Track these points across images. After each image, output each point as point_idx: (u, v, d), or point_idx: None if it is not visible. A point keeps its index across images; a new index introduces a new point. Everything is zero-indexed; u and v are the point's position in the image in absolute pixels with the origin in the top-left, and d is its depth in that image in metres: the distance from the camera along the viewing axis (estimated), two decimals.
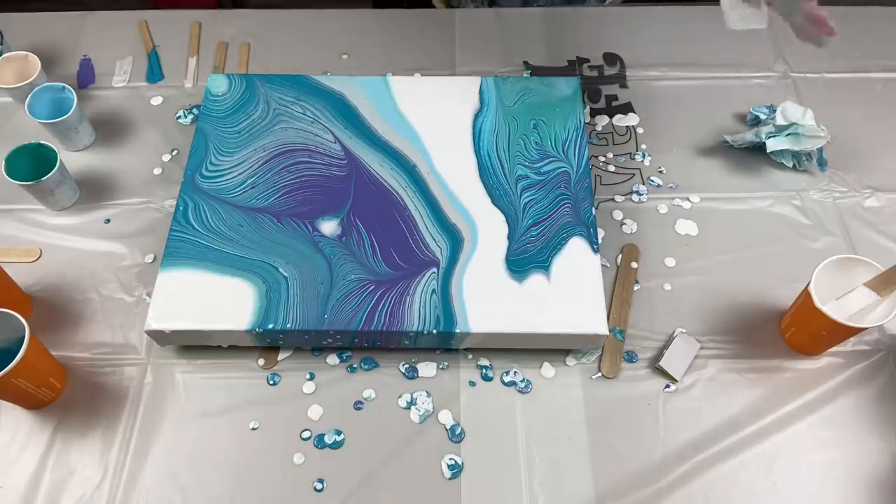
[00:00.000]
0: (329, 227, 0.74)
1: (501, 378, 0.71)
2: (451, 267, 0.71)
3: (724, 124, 0.89)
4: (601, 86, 0.93)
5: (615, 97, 0.92)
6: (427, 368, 0.72)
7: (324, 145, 0.80)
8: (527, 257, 0.71)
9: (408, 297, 0.69)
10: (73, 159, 0.85)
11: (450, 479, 0.66)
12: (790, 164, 0.84)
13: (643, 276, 0.77)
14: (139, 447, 0.67)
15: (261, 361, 0.72)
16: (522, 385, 0.70)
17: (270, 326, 0.67)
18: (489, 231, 0.73)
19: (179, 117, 0.90)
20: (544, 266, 0.71)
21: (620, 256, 0.78)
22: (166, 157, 0.86)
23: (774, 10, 0.68)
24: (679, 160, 0.86)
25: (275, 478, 0.66)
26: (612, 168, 0.86)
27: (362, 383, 0.71)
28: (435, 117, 0.82)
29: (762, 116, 0.86)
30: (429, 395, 0.70)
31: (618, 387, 0.71)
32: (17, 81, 0.86)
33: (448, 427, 0.68)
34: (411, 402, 0.70)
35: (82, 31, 0.98)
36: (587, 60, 0.96)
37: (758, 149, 0.84)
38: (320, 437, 0.68)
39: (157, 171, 0.85)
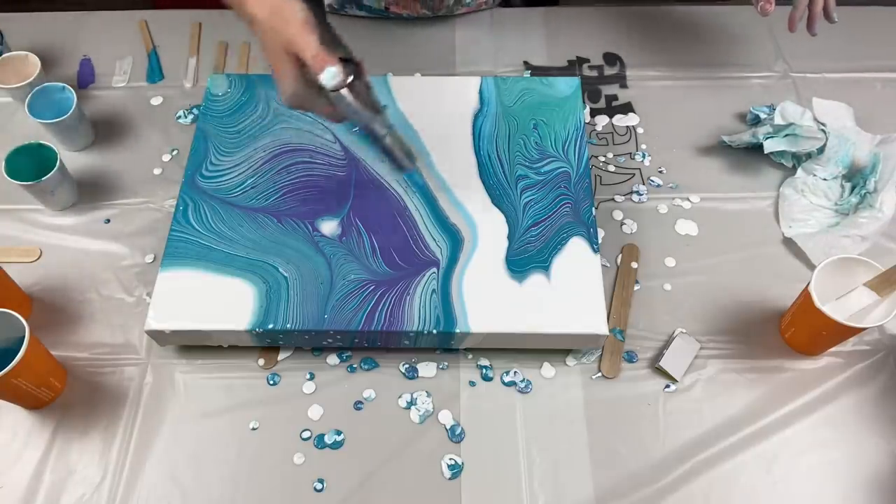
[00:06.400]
0: (329, 227, 0.74)
1: (501, 378, 0.71)
2: (451, 267, 0.71)
3: (725, 124, 0.89)
4: (601, 86, 0.93)
5: (615, 97, 0.92)
6: (427, 368, 0.71)
7: (324, 145, 0.80)
8: (527, 257, 0.71)
9: (408, 297, 0.69)
10: (73, 159, 0.85)
11: (450, 479, 0.66)
12: (790, 165, 0.84)
13: (643, 276, 0.77)
14: (139, 447, 0.67)
15: (261, 361, 0.72)
16: (522, 385, 0.70)
17: (270, 326, 0.67)
18: (489, 231, 0.73)
19: (179, 117, 0.90)
20: (544, 266, 0.71)
21: (620, 256, 0.78)
22: (166, 157, 0.86)
23: None
24: (679, 160, 0.86)
25: (275, 478, 0.66)
26: (612, 168, 0.86)
27: (362, 383, 0.71)
28: (435, 117, 0.82)
29: (762, 116, 0.86)
30: (429, 395, 0.70)
31: (618, 387, 0.71)
32: (17, 81, 0.86)
33: (448, 427, 0.68)
34: (411, 402, 0.69)
35: (82, 31, 0.98)
36: (587, 60, 0.96)
37: (758, 149, 0.84)
38: (320, 437, 0.68)
39: (157, 171, 0.85)
